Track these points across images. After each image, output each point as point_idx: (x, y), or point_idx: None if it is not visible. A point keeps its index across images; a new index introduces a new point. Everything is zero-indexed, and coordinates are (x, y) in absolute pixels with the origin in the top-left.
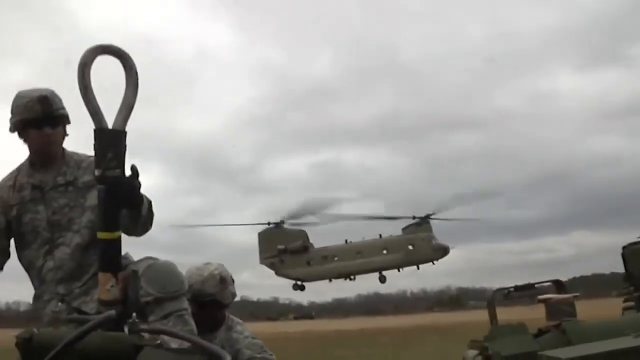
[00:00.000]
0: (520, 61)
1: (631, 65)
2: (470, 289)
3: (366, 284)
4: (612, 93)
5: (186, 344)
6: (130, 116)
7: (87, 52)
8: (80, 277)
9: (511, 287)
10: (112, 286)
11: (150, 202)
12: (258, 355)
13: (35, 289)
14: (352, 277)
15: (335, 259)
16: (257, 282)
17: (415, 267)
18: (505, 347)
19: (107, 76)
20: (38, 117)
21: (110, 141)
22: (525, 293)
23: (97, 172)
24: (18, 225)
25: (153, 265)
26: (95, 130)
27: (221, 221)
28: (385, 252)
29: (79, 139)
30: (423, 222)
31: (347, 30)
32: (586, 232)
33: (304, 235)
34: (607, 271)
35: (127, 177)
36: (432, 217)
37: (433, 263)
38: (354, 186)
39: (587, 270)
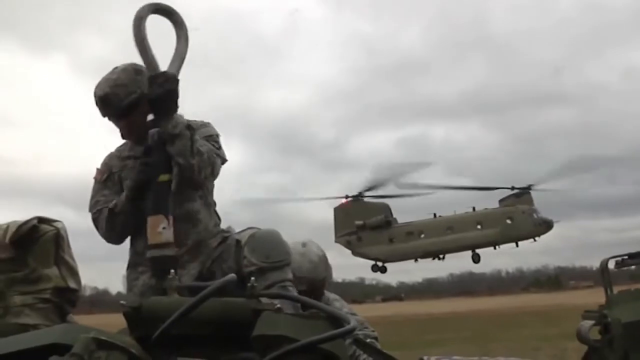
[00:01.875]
0: (613, 34)
1: None
2: (569, 268)
3: (458, 263)
4: None
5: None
6: (182, 67)
7: (143, 7)
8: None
9: (625, 255)
10: (164, 228)
11: (190, 128)
12: (359, 332)
13: (129, 260)
14: (441, 256)
15: (422, 235)
16: (339, 262)
17: (513, 244)
18: (626, 314)
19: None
20: (107, 115)
21: (172, 84)
22: (638, 260)
23: (150, 117)
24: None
25: (256, 234)
26: (150, 77)
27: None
28: (479, 227)
29: None
30: (523, 193)
31: (437, 2)
32: None
33: (386, 209)
34: None
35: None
36: (533, 188)
37: (534, 239)
38: (441, 162)
39: None
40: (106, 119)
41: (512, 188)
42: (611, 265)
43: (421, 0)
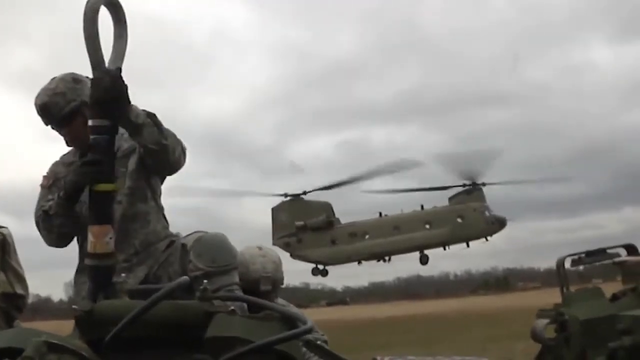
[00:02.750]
0: (549, 33)
1: None
2: (518, 269)
3: (405, 266)
4: None
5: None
6: (122, 67)
7: (94, 1)
8: (123, 251)
9: (582, 253)
10: (110, 238)
11: (151, 115)
12: (310, 336)
13: (78, 264)
14: (387, 258)
15: (367, 236)
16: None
17: (464, 244)
18: (583, 312)
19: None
20: (48, 125)
21: (118, 83)
22: (596, 258)
23: (91, 123)
24: None
25: (202, 238)
26: (94, 78)
27: (243, 204)
28: (428, 226)
29: None
30: (474, 189)
31: (368, 6)
32: (634, 208)
33: (328, 209)
34: None
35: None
36: (485, 183)
37: (486, 239)
38: (384, 165)
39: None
40: (49, 127)
41: (464, 185)
42: (567, 264)
43: (351, 5)
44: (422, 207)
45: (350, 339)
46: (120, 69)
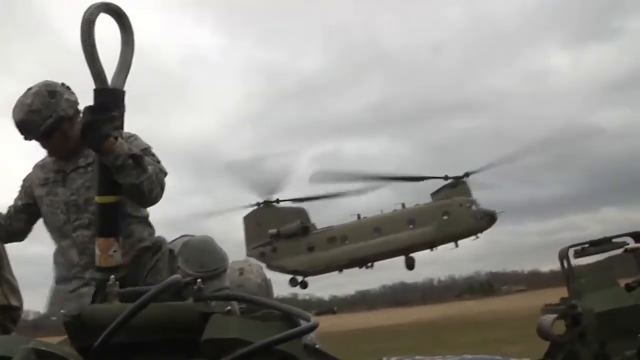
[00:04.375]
0: (506, 42)
1: (621, 38)
2: (501, 273)
3: (390, 274)
4: (606, 67)
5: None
6: (127, 77)
7: (92, 9)
8: None
9: (585, 243)
10: (114, 251)
11: (133, 156)
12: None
13: (57, 274)
14: (369, 264)
15: (347, 241)
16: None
17: (452, 244)
18: (598, 304)
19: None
20: (27, 139)
21: (115, 101)
22: (602, 248)
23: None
24: (41, 206)
25: (189, 243)
26: (97, 90)
27: (227, 218)
28: (411, 226)
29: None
30: (458, 183)
31: (331, 24)
32: (612, 208)
33: (302, 214)
34: None
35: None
36: (470, 175)
37: (476, 236)
38: (358, 175)
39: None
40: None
41: (446, 177)
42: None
43: (315, 24)
44: (403, 205)
45: (338, 347)
46: (123, 84)
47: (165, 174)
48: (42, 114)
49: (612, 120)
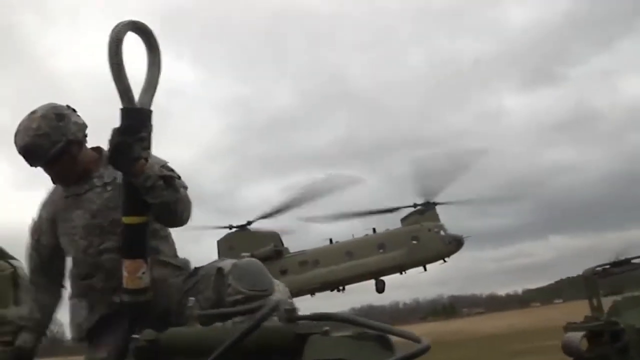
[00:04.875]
0: (464, 84)
1: (566, 83)
2: (462, 296)
3: (358, 297)
4: (555, 109)
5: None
6: (154, 96)
7: (120, 27)
8: None
9: (607, 264)
10: (143, 273)
11: (164, 177)
12: None
13: (74, 290)
14: (341, 287)
15: (319, 265)
16: None
17: (421, 267)
18: (639, 320)
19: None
20: (32, 166)
21: (142, 120)
22: (625, 268)
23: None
24: (60, 239)
25: (240, 263)
26: (124, 110)
27: (201, 241)
28: (382, 250)
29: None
30: (427, 209)
31: (301, 62)
32: (560, 237)
33: (275, 238)
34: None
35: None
36: (437, 202)
37: (444, 260)
38: (327, 205)
39: (571, 272)
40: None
41: (415, 205)
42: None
43: (287, 62)
44: (374, 230)
45: None
46: (149, 104)
47: (186, 188)
48: (50, 138)
49: (558, 157)
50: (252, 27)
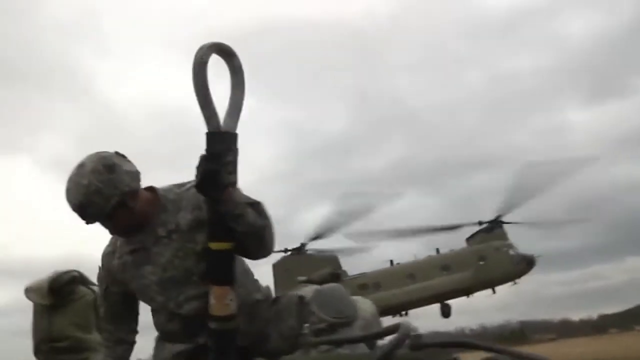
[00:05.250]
0: (524, 101)
1: (635, 95)
2: (532, 321)
3: (423, 323)
4: (623, 123)
5: None
6: (239, 118)
7: (204, 50)
8: None
9: None
10: (231, 300)
11: (252, 205)
12: None
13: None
14: (403, 312)
15: (379, 288)
16: None
17: (490, 290)
18: None
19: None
20: (89, 223)
21: (228, 145)
22: None
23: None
24: (133, 291)
25: (323, 290)
26: (210, 134)
27: (256, 265)
28: (446, 272)
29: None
30: (494, 227)
31: (355, 84)
32: (636, 258)
33: (333, 261)
34: None
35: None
36: (504, 220)
37: (514, 282)
38: (386, 230)
39: None
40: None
41: (480, 223)
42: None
43: (340, 84)
44: (437, 250)
45: None
46: (235, 127)
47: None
48: (103, 194)
49: (630, 174)
50: (303, 51)
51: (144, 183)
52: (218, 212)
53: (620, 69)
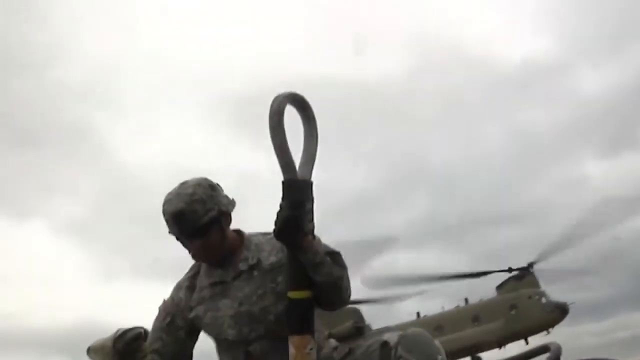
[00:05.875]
0: (542, 155)
1: None
2: None
3: None
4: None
5: None
6: (313, 167)
7: (281, 99)
8: None
9: None
10: (311, 349)
11: (331, 254)
12: None
13: None
14: None
15: None
16: None
17: (521, 341)
18: None
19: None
20: (179, 236)
21: (306, 193)
22: None
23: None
24: (200, 326)
25: (409, 334)
26: (287, 181)
27: None
28: (476, 323)
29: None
30: (525, 274)
31: (375, 143)
32: None
33: (355, 314)
34: None
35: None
36: (535, 267)
37: (548, 331)
38: (412, 287)
39: None
40: (175, 237)
41: (510, 270)
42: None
43: (359, 143)
44: (466, 300)
45: None
46: (309, 176)
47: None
48: (205, 205)
49: None
50: (321, 110)
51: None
52: (297, 260)
53: (636, 120)
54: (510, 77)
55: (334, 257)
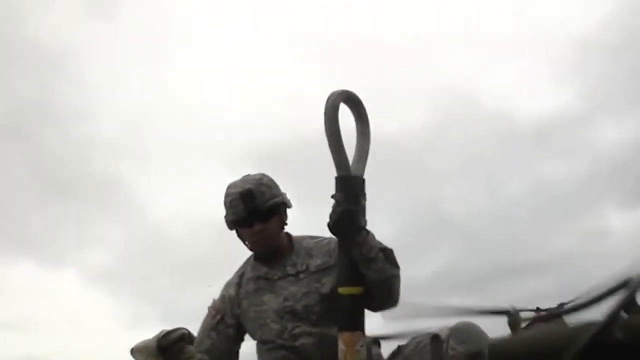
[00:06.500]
0: (564, 206)
1: None
2: None
3: None
4: None
5: None
6: (366, 164)
7: (335, 96)
8: None
9: None
10: (361, 346)
11: (384, 250)
12: None
13: None
14: None
15: None
16: None
17: None
18: None
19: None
20: (244, 217)
21: (360, 188)
22: None
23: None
24: (244, 322)
25: (460, 327)
26: (341, 178)
27: None
28: None
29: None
30: (553, 315)
31: (393, 195)
32: None
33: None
34: None
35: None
36: (566, 308)
37: None
38: (440, 309)
39: None
40: (233, 225)
41: (538, 310)
42: None
43: (379, 195)
44: None
45: None
46: (362, 173)
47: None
48: (272, 190)
49: None
50: None
51: None
52: (350, 255)
53: None
54: (526, 129)
55: (387, 253)
